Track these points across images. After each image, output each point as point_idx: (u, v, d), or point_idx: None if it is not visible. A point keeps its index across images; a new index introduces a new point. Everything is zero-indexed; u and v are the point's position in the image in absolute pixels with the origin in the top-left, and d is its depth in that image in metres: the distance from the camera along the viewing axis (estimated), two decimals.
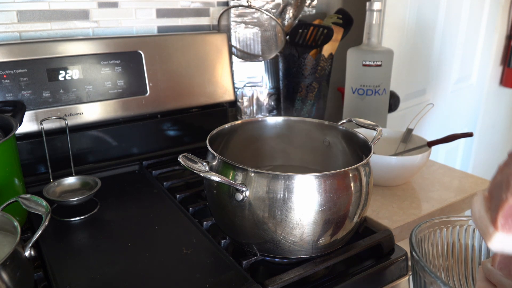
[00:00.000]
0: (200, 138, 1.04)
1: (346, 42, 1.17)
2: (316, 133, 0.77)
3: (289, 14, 1.15)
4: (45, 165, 0.85)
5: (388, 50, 1.02)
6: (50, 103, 0.84)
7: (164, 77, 0.96)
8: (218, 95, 1.05)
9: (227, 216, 0.60)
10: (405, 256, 0.68)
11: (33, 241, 0.50)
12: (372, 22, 1.00)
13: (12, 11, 0.85)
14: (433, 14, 1.42)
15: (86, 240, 0.67)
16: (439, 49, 1.51)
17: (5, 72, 0.79)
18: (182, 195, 0.80)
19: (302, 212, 0.55)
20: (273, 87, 1.20)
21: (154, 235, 0.68)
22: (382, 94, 1.03)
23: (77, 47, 0.86)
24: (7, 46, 0.80)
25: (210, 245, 0.65)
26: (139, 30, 1.00)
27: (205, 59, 1.01)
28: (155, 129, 0.99)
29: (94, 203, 0.76)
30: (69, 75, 0.85)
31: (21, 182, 0.68)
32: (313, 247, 0.59)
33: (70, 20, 0.91)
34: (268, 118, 0.77)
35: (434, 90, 1.54)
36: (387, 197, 0.82)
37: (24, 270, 0.49)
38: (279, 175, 0.55)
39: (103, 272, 0.59)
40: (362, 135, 0.69)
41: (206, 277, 0.58)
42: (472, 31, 1.68)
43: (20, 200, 0.54)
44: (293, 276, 0.58)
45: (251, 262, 0.62)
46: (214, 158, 0.61)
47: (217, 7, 1.09)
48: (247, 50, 1.13)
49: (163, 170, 0.90)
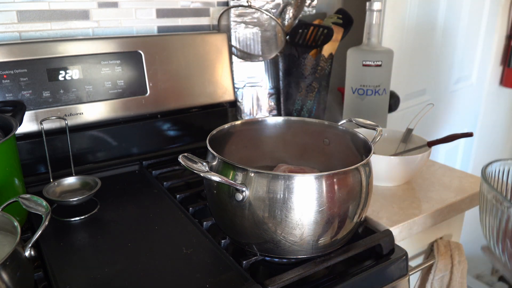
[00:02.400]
0: (200, 138, 1.04)
1: (346, 42, 1.17)
2: (316, 133, 0.77)
3: (289, 14, 1.15)
4: (45, 165, 0.85)
5: (388, 50, 1.02)
6: (50, 103, 0.84)
7: (164, 77, 0.96)
8: (218, 95, 1.05)
9: (227, 216, 0.60)
10: (405, 256, 0.68)
11: (33, 241, 0.50)
12: (372, 22, 1.00)
13: (12, 11, 0.85)
14: (433, 14, 1.42)
15: (86, 240, 0.67)
16: (439, 49, 1.51)
17: (5, 72, 0.79)
18: (182, 195, 0.80)
19: (302, 212, 0.55)
20: (273, 87, 1.20)
21: (154, 235, 0.68)
22: (382, 94, 1.03)
23: (77, 47, 0.86)
24: (7, 46, 0.80)
25: (210, 245, 0.65)
26: (139, 30, 1.00)
27: (205, 59, 1.01)
28: (155, 129, 0.99)
29: (94, 203, 0.76)
30: (69, 75, 0.85)
31: (21, 182, 0.68)
32: (313, 247, 0.59)
33: (70, 20, 0.91)
34: (268, 118, 0.77)
35: (434, 90, 1.54)
36: (387, 197, 0.82)
37: (24, 270, 0.49)
38: (279, 175, 0.55)
39: (103, 272, 0.59)
40: (362, 135, 0.69)
41: (206, 277, 0.58)
42: (472, 31, 1.68)
43: (20, 200, 0.54)
44: (293, 276, 0.58)
45: (251, 262, 0.62)
46: (214, 158, 0.61)
47: (217, 7, 1.09)
48: (247, 50, 1.13)
49: (163, 170, 0.90)
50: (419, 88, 1.47)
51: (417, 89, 1.46)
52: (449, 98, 1.67)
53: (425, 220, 0.77)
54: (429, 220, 0.78)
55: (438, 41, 1.49)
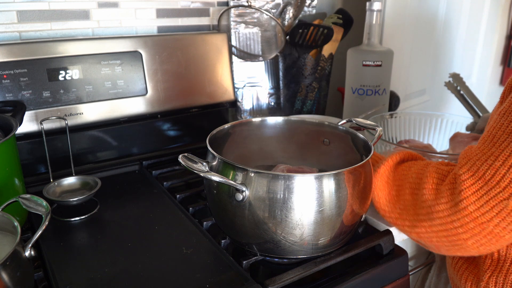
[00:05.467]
0: (200, 138, 1.04)
1: (346, 42, 1.17)
2: (316, 133, 0.77)
3: (289, 14, 1.15)
4: (45, 165, 0.85)
5: (388, 50, 1.02)
6: (50, 103, 0.84)
7: (164, 77, 0.96)
8: (218, 95, 1.05)
9: (227, 216, 0.60)
10: (405, 256, 0.68)
11: (33, 241, 0.50)
12: (372, 22, 1.00)
13: (12, 11, 0.85)
14: (433, 14, 1.42)
15: (86, 240, 0.67)
16: (439, 49, 1.51)
17: (5, 72, 0.79)
18: (182, 195, 0.80)
19: (302, 212, 0.55)
20: (273, 87, 1.20)
21: (154, 235, 0.68)
22: (382, 94, 1.03)
23: (77, 47, 0.86)
24: (7, 46, 0.80)
25: (210, 245, 0.65)
26: (139, 30, 1.00)
27: (205, 59, 1.01)
28: (155, 129, 0.99)
29: (94, 203, 0.76)
30: (69, 75, 0.85)
31: (21, 182, 0.68)
32: (313, 247, 0.59)
33: (70, 20, 0.91)
34: (268, 118, 0.77)
35: (434, 90, 1.54)
36: None
37: (24, 270, 0.49)
38: (279, 175, 0.55)
39: (103, 272, 0.59)
40: (362, 135, 0.69)
41: (206, 277, 0.58)
42: (472, 31, 1.68)
43: (20, 200, 0.54)
44: (293, 276, 0.58)
45: (251, 262, 0.62)
46: (214, 158, 0.61)
47: (217, 7, 1.09)
48: (247, 50, 1.13)
49: (163, 170, 0.90)
50: (419, 88, 1.47)
51: (417, 89, 1.46)
52: (449, 98, 1.67)
53: None
54: None
55: (438, 41, 1.49)
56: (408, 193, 0.65)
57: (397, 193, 0.67)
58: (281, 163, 0.77)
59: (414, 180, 0.64)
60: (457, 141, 0.89)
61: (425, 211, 0.61)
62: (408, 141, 0.94)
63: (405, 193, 0.65)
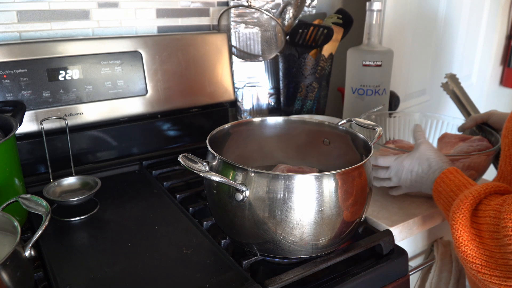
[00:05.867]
0: (200, 138, 1.04)
1: (346, 42, 1.17)
2: (316, 133, 0.77)
3: (289, 14, 1.15)
4: (45, 165, 0.85)
5: (388, 50, 1.02)
6: (50, 103, 0.84)
7: (164, 77, 0.96)
8: (218, 95, 1.05)
9: (227, 216, 0.60)
10: (405, 256, 0.68)
11: (33, 241, 0.50)
12: (372, 22, 1.00)
13: (12, 11, 0.85)
14: (433, 14, 1.42)
15: (86, 240, 0.67)
16: (439, 49, 1.51)
17: (5, 72, 0.79)
18: (182, 195, 0.80)
19: (302, 212, 0.55)
20: (273, 87, 1.20)
21: (154, 235, 0.68)
22: (382, 94, 1.03)
23: (77, 47, 0.86)
24: (7, 46, 0.80)
25: (210, 245, 0.65)
26: (139, 30, 1.00)
27: (205, 59, 1.01)
28: (155, 129, 0.99)
29: (94, 203, 0.76)
30: (69, 75, 0.85)
31: (21, 182, 0.68)
32: (313, 247, 0.59)
33: (70, 20, 0.91)
34: (268, 118, 0.77)
35: (434, 90, 1.54)
36: (387, 197, 0.82)
37: (24, 270, 0.49)
38: (279, 175, 0.55)
39: (103, 272, 0.59)
40: (362, 135, 0.69)
41: (206, 277, 0.58)
42: (472, 31, 1.68)
43: (20, 200, 0.54)
44: (293, 276, 0.58)
45: (251, 262, 0.62)
46: (214, 158, 0.61)
47: (217, 7, 1.09)
48: (247, 50, 1.13)
49: (163, 170, 0.90)
50: (419, 88, 1.47)
51: (417, 89, 1.46)
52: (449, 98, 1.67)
53: (425, 220, 0.77)
54: (429, 220, 0.78)
55: (438, 41, 1.49)
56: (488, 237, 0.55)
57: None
58: (281, 163, 0.77)
59: (491, 221, 0.54)
60: (445, 142, 0.89)
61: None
62: (396, 141, 0.94)
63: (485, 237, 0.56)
